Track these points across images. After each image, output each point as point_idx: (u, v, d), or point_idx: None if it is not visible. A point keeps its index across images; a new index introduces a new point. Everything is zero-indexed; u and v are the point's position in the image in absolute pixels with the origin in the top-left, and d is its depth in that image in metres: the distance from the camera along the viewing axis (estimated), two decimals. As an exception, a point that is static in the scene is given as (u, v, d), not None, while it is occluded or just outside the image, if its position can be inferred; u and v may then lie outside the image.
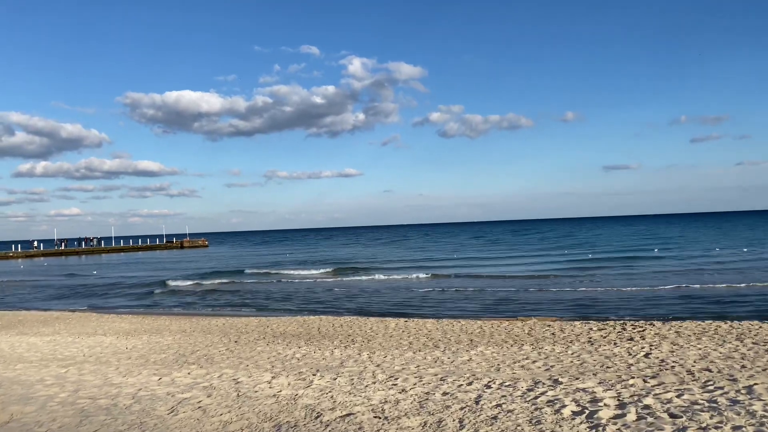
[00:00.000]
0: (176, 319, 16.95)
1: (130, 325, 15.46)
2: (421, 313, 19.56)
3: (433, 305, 21.22)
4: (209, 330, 14.23)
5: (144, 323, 15.92)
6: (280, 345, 11.63)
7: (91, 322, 16.52)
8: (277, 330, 13.91)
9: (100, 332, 14.28)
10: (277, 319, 16.08)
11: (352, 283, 30.41)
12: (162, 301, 26.16)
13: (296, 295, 26.20)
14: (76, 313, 19.03)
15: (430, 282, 29.73)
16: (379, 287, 27.98)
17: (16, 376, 8.66)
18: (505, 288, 25.41)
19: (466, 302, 21.61)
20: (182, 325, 15.15)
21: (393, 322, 14.22)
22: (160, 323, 15.76)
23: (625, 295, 21.68)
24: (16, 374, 8.78)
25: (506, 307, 19.94)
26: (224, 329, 14.28)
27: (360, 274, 35.78)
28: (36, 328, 15.08)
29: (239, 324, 15.12)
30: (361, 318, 15.74)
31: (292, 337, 12.85)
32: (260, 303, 23.86)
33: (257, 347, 11.45)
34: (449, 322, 14.47)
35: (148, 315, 19.19)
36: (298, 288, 29.26)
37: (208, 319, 16.36)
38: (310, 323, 14.77)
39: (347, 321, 14.88)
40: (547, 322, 14.78)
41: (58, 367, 9.41)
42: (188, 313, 20.71)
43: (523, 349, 10.31)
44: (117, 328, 15.04)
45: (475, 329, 13.06)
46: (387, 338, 12.11)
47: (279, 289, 28.84)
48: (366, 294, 25.25)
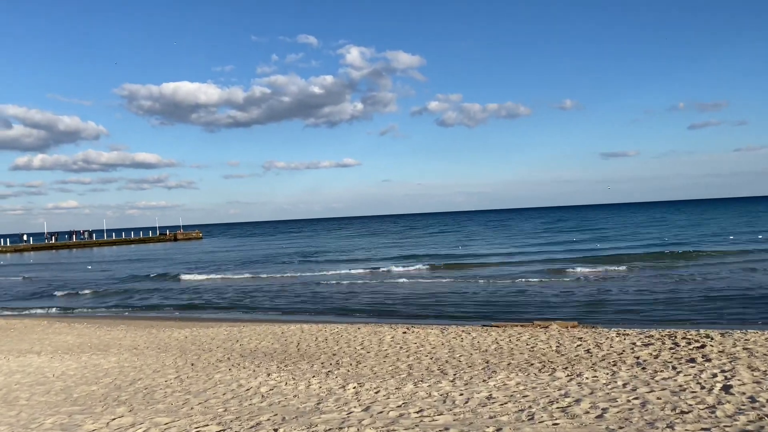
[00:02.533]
0: (135, 328, 14.52)
1: (76, 338, 13.02)
2: (422, 314, 17.18)
3: (435, 305, 18.83)
4: (166, 346, 11.80)
5: (95, 334, 13.50)
6: (246, 370, 9.20)
7: (36, 332, 14.10)
8: (247, 346, 11.47)
9: (37, 348, 11.86)
10: (251, 328, 13.63)
11: (347, 277, 27.98)
12: (132, 301, 23.72)
13: (282, 294, 23.76)
14: (25, 320, 16.59)
15: (431, 277, 27.32)
16: (376, 283, 25.57)
17: None
18: (514, 283, 23.03)
19: (473, 301, 19.22)
20: (137, 338, 12.71)
21: (389, 335, 11.78)
22: (113, 335, 13.32)
23: (649, 290, 19.31)
24: None
25: (519, 308, 17.56)
26: (184, 345, 11.84)
27: (356, 268, 33.39)
28: (-36, 344, 12.66)
29: (205, 336, 12.68)
30: (351, 327, 13.30)
31: (263, 356, 10.42)
32: (239, 303, 21.45)
33: (216, 374, 9.02)
34: (456, 331, 12.04)
35: (107, 320, 16.79)
36: (286, 285, 26.83)
37: (171, 330, 13.92)
38: (289, 336, 12.32)
39: (334, 332, 12.43)
40: (572, 330, 12.38)
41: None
42: (156, 317, 18.31)
43: (557, 377, 7.89)
44: (60, 342, 12.60)
45: (489, 343, 10.64)
46: (381, 359, 9.68)
47: (265, 287, 26.40)
48: (360, 292, 22.85)
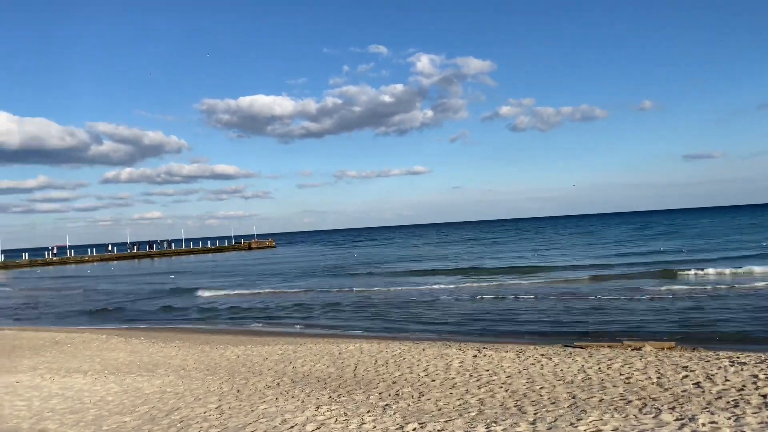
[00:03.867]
0: (190, 345, 13.85)
1: (127, 356, 12.44)
2: (494, 330, 15.71)
3: (509, 321, 17.28)
4: (216, 367, 10.95)
5: (148, 352, 12.90)
6: (294, 400, 8.13)
7: (91, 348, 13.69)
8: (300, 369, 10.44)
9: (86, 367, 11.31)
10: (308, 347, 12.63)
11: (415, 289, 26.75)
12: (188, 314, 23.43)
13: (346, 306, 22.80)
14: (85, 334, 16.33)
15: (504, 288, 25.64)
16: (445, 295, 24.20)
17: None
18: (597, 295, 21.08)
19: (552, 316, 17.53)
20: (188, 357, 11.97)
21: (457, 359, 10.44)
22: (165, 353, 12.66)
23: (754, 306, 16.99)
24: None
25: (604, 324, 15.77)
26: (234, 366, 10.96)
27: (425, 278, 32.12)
28: (19, 359, 12.33)
29: (257, 356, 11.77)
30: (415, 347, 12.05)
31: (316, 382, 9.34)
32: (301, 317, 20.63)
33: (261, 404, 8.00)
34: (535, 355, 10.55)
35: (167, 334, 16.29)
36: (351, 296, 25.89)
37: (224, 348, 13.13)
38: (346, 357, 11.21)
39: (396, 354, 11.22)
40: (670, 353, 10.63)
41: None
42: (212, 330, 17.74)
43: (664, 421, 6.34)
44: (110, 360, 12.04)
45: (574, 372, 9.12)
46: (447, 390, 8.38)
47: (331, 298, 25.56)
48: (428, 305, 21.56)
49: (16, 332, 17.15)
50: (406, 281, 31.42)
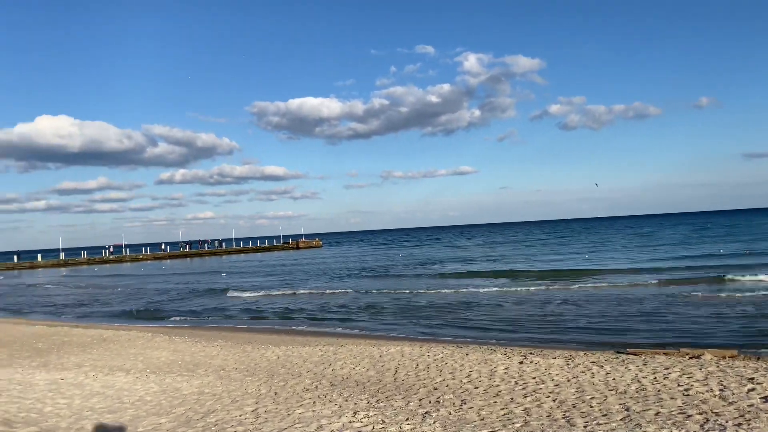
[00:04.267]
0: (232, 344, 13.82)
1: (170, 355, 12.48)
2: (541, 335, 15.15)
3: (557, 323, 16.67)
4: (255, 368, 10.83)
5: (190, 351, 12.92)
6: (332, 405, 7.89)
7: (136, 346, 13.82)
8: (339, 372, 10.20)
9: (128, 365, 11.38)
10: (349, 348, 12.40)
11: (462, 290, 26.27)
12: (233, 313, 23.58)
13: (389, 305, 22.53)
14: (132, 332, 16.56)
15: (553, 290, 24.89)
16: (493, 296, 23.65)
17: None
18: (652, 298, 20.18)
19: (603, 320, 16.82)
20: (228, 358, 11.90)
21: (502, 365, 10.00)
22: (207, 353, 12.65)
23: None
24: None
25: (659, 330, 15.00)
26: (274, 367, 10.82)
27: (472, 279, 31.58)
28: (67, 357, 12.54)
29: (297, 357, 11.60)
30: (459, 351, 11.66)
31: (355, 386, 9.07)
32: (344, 317, 20.47)
33: (297, 408, 7.79)
34: (585, 363, 10.01)
35: (211, 333, 16.37)
36: (395, 296, 25.61)
37: (265, 348, 13.03)
38: (387, 360, 10.91)
39: (438, 358, 10.85)
40: (733, 363, 9.90)
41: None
42: (255, 329, 17.74)
43: (730, 441, 5.81)
44: (153, 359, 12.10)
45: (628, 381, 8.56)
46: (490, 398, 7.97)
47: (374, 298, 25.35)
48: (474, 306, 21.09)
49: (67, 329, 17.56)
50: (451, 283, 30.94)
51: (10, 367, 11.39)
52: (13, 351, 13.46)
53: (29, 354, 12.97)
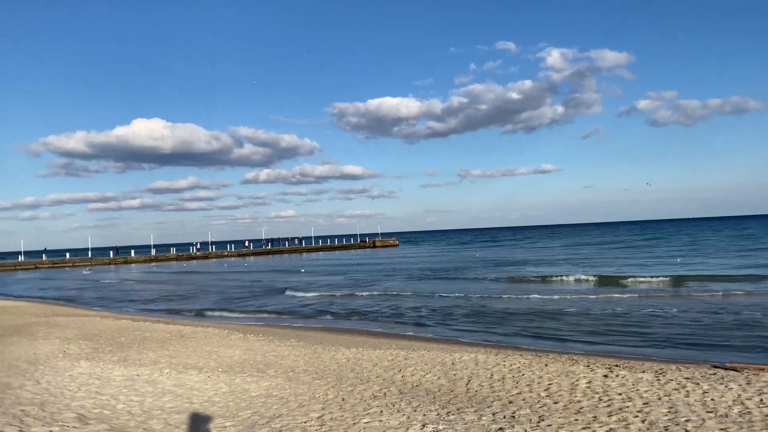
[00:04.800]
0: (304, 344, 13.73)
1: (242, 354, 12.52)
2: (628, 345, 14.14)
3: (646, 333, 15.56)
4: (324, 371, 10.62)
5: (262, 350, 12.93)
6: (400, 415, 7.51)
7: (211, 343, 14.01)
8: (409, 379, 9.81)
9: (202, 363, 11.48)
10: (420, 354, 11.99)
11: (542, 294, 25.27)
12: (307, 312, 23.65)
13: (462, 308, 21.93)
14: (209, 329, 16.87)
15: (643, 295, 23.44)
16: (575, 303, 22.56)
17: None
18: (754, 306, 18.54)
19: (696, 329, 15.53)
20: (299, 359, 11.78)
21: (584, 378, 9.28)
22: (278, 352, 12.60)
23: None
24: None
25: (761, 347, 13.64)
26: (343, 371, 10.57)
27: (553, 283, 30.39)
28: (145, 352, 12.85)
29: (367, 361, 11.31)
30: (537, 360, 10.99)
31: (425, 395, 8.65)
32: (417, 319, 20.05)
33: (364, 417, 7.47)
34: (679, 379, 9.12)
35: (282, 332, 16.40)
36: (470, 298, 24.94)
37: (336, 350, 12.84)
38: (459, 369, 10.41)
39: (514, 368, 10.24)
40: None
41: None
42: (327, 329, 17.64)
43: None
44: (225, 357, 12.17)
45: (729, 403, 7.66)
46: (571, 416, 7.33)
47: (449, 300, 24.80)
48: (557, 312, 20.14)
49: (149, 324, 18.16)
50: (530, 287, 29.87)
51: (93, 361, 11.77)
52: (97, 344, 13.97)
53: (111, 348, 13.41)
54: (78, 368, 10.99)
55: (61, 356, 12.42)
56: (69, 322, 18.57)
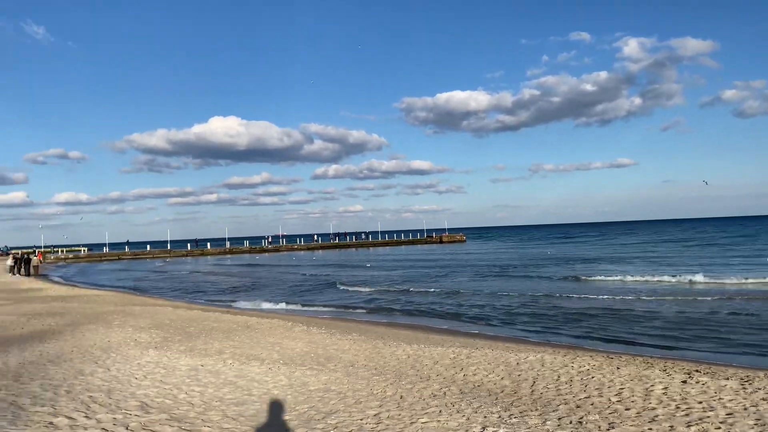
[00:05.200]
0: (365, 338, 13.62)
1: (304, 346, 12.53)
2: (704, 355, 13.24)
3: (730, 337, 14.53)
4: (384, 367, 10.44)
5: (324, 343, 12.89)
6: (459, 416, 7.21)
7: (275, 334, 14.13)
8: (471, 378, 9.48)
9: (264, 355, 11.55)
10: (484, 352, 11.61)
11: (614, 296, 24.22)
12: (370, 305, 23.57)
13: (528, 306, 21.26)
14: (275, 320, 17.06)
15: (726, 296, 22.01)
16: (651, 302, 21.46)
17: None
18: None
19: None
20: (359, 353, 11.66)
21: (660, 383, 8.65)
22: (339, 346, 12.53)
23: None
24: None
25: None
26: (403, 368, 10.35)
27: (627, 282, 29.10)
28: (211, 342, 13.09)
29: (428, 358, 11.04)
30: (608, 363, 10.40)
31: (486, 396, 8.30)
32: (483, 315, 19.58)
33: (422, 417, 7.22)
34: (767, 388, 8.35)
35: (344, 325, 16.37)
36: (538, 298, 24.19)
37: (397, 345, 12.64)
38: (524, 369, 9.97)
39: (583, 371, 9.71)
40: None
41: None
42: (390, 324, 17.46)
43: None
44: (287, 349, 12.20)
45: (827, 418, 6.91)
46: (644, 424, 6.80)
47: (514, 297, 24.14)
48: (630, 313, 19.20)
49: (218, 314, 18.58)
50: (602, 285, 28.69)
51: (161, 350, 12.07)
52: (167, 334, 14.36)
53: (180, 338, 13.75)
54: (146, 357, 11.29)
55: (132, 344, 12.83)
56: (143, 312, 19.27)
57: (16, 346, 12.64)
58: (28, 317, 17.96)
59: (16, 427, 6.64)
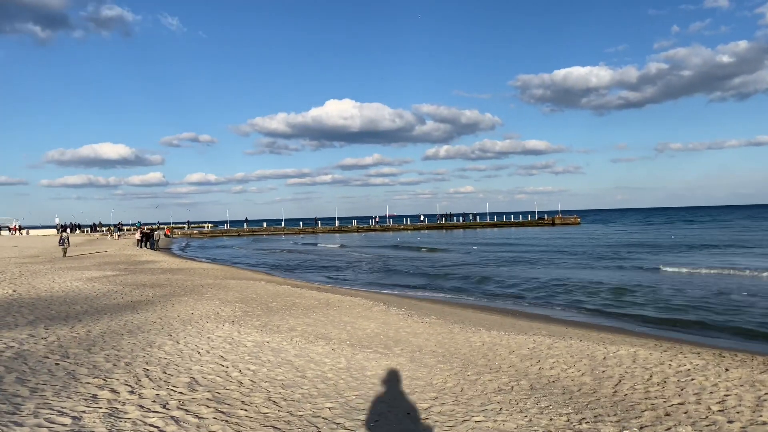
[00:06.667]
0: (444, 323, 12.82)
1: (377, 326, 11.95)
2: None
3: None
4: (453, 354, 9.61)
5: (397, 325, 12.26)
6: (521, 415, 6.29)
7: (352, 314, 13.69)
8: (547, 372, 8.41)
9: (334, 334, 11.13)
10: (569, 343, 10.41)
11: (737, 287, 21.61)
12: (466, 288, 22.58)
13: (639, 295, 19.35)
14: (356, 299, 16.69)
15: None
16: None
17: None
18: None
19: None
20: (430, 338, 10.88)
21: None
22: (413, 329, 11.83)
23: None
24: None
25: None
26: (473, 356, 9.46)
27: (759, 270, 25.97)
28: (287, 319, 12.90)
29: (505, 348, 10.04)
30: (715, 363, 8.91)
31: (560, 393, 7.25)
32: (577, 301, 18.07)
33: (479, 414, 6.39)
34: None
35: (428, 306, 15.65)
36: (653, 285, 22.08)
37: (474, 331, 11.72)
38: (611, 365, 8.72)
39: (683, 370, 8.32)
40: None
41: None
42: (478, 307, 16.47)
43: None
44: (359, 330, 11.70)
45: None
46: (748, 444, 5.54)
47: (622, 283, 22.18)
48: (757, 306, 16.93)
49: (305, 291, 18.55)
50: (729, 273, 25.74)
51: (236, 324, 12.04)
52: (249, 308, 14.41)
53: (260, 313, 13.72)
54: (219, 331, 11.26)
55: (212, 317, 12.94)
56: (236, 285, 19.69)
57: (107, 315, 13.17)
58: (133, 287, 18.92)
59: (59, 398, 6.61)
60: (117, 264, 30.21)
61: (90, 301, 15.65)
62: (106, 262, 32.00)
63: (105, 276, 22.87)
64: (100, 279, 21.67)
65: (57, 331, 11.04)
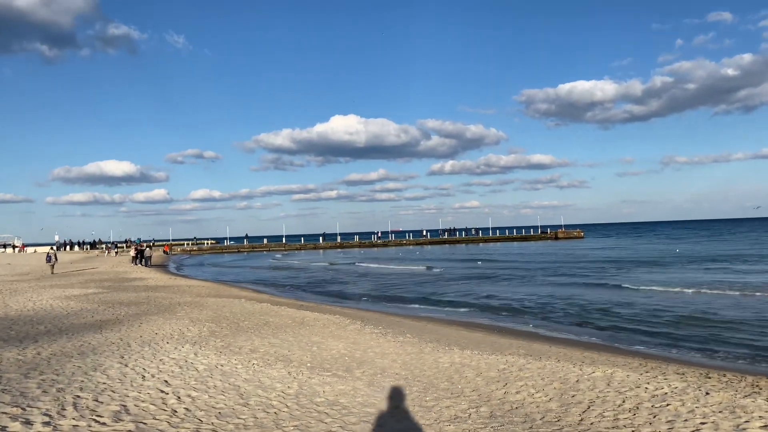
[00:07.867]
0: (414, 342, 12.10)
1: (344, 348, 11.25)
2: None
3: None
4: (417, 375, 8.92)
5: (366, 345, 11.55)
6: (467, 450, 5.61)
7: (322, 334, 13.00)
8: (511, 397, 7.72)
9: (296, 356, 10.45)
10: (543, 363, 9.70)
11: (737, 302, 20.87)
12: (455, 303, 21.86)
13: (629, 311, 18.62)
14: (335, 317, 16.01)
15: None
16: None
17: None
18: None
19: None
20: (397, 358, 10.20)
21: (759, 422, 6.46)
22: (381, 349, 11.12)
23: None
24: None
25: None
26: (437, 379, 8.76)
27: (759, 288, 25.25)
28: (252, 340, 12.23)
29: (473, 369, 9.34)
30: (696, 385, 8.20)
31: (520, 422, 6.56)
32: (573, 320, 17.35)
33: (419, 448, 5.72)
34: None
35: (412, 324, 14.96)
36: (650, 301, 21.34)
37: (446, 351, 11.01)
38: (582, 390, 8.02)
39: (660, 394, 7.61)
40: None
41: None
42: (459, 324, 15.73)
43: None
44: (324, 350, 11.00)
45: None
46: (718, 484, 4.84)
47: (616, 299, 21.45)
48: (754, 323, 16.21)
49: (282, 309, 17.83)
50: (736, 289, 24.99)
51: (198, 345, 11.41)
52: (218, 328, 13.79)
53: (227, 333, 13.08)
54: (176, 353, 10.62)
55: (176, 338, 12.31)
56: (214, 303, 19.05)
57: (67, 336, 12.56)
58: (108, 306, 18.32)
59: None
60: (103, 282, 29.64)
61: (57, 320, 15.06)
62: (93, 279, 31.45)
63: (85, 294, 22.29)
64: (79, 297, 21.08)
65: (5, 353, 10.44)
